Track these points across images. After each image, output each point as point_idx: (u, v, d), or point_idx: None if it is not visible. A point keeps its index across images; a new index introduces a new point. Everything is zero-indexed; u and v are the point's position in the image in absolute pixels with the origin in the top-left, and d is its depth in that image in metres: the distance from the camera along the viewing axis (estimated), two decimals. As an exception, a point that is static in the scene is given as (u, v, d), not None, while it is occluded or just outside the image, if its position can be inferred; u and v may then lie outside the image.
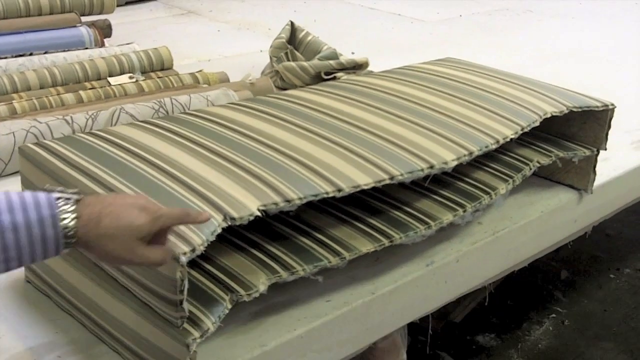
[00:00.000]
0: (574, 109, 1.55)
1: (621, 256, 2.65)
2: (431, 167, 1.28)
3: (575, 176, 1.66)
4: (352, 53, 2.63)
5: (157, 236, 0.93)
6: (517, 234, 1.53)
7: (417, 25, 3.51)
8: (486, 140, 1.39)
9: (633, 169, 1.86)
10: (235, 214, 1.06)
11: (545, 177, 1.70)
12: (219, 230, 1.03)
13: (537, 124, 1.49)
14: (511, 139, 1.43)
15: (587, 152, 1.61)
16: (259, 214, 1.08)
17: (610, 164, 1.82)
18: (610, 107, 1.58)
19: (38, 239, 0.84)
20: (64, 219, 0.86)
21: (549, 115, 1.52)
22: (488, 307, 2.16)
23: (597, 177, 1.67)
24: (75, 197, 0.88)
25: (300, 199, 1.13)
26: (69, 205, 0.87)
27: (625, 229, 2.80)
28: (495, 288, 2.07)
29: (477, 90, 1.59)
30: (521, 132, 1.45)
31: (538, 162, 1.54)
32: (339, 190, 1.17)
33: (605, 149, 1.62)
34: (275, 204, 1.11)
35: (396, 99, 1.52)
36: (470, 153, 1.34)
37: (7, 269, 0.85)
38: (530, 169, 1.52)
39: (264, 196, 1.12)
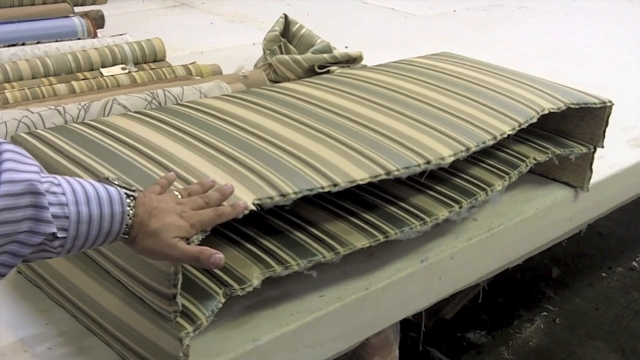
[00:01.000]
0: (572, 106, 1.54)
1: (613, 255, 2.65)
2: (428, 162, 1.27)
3: (572, 174, 1.65)
4: (346, 47, 2.61)
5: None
6: (513, 230, 1.52)
7: (410, 19, 3.50)
8: (483, 136, 1.38)
9: (629, 167, 1.85)
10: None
11: (541, 174, 1.69)
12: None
13: (535, 120, 1.48)
14: (508, 135, 1.42)
15: (584, 150, 1.60)
16: (254, 208, 1.06)
17: (606, 162, 1.81)
18: (608, 104, 1.57)
19: (104, 232, 0.86)
20: (129, 216, 0.88)
21: (546, 112, 1.51)
22: (479, 304, 2.16)
23: (592, 175, 1.66)
24: (134, 194, 0.90)
25: (295, 193, 1.12)
26: (132, 203, 0.88)
27: (617, 228, 2.80)
28: (487, 285, 2.07)
29: (474, 85, 1.58)
30: (519, 128, 1.44)
31: (534, 159, 1.53)
32: (335, 185, 1.16)
33: (603, 147, 1.61)
34: (271, 198, 1.09)
35: (392, 93, 1.51)
36: (467, 149, 1.33)
37: (64, 254, 0.85)
38: (527, 165, 1.51)
39: (259, 190, 1.10)
